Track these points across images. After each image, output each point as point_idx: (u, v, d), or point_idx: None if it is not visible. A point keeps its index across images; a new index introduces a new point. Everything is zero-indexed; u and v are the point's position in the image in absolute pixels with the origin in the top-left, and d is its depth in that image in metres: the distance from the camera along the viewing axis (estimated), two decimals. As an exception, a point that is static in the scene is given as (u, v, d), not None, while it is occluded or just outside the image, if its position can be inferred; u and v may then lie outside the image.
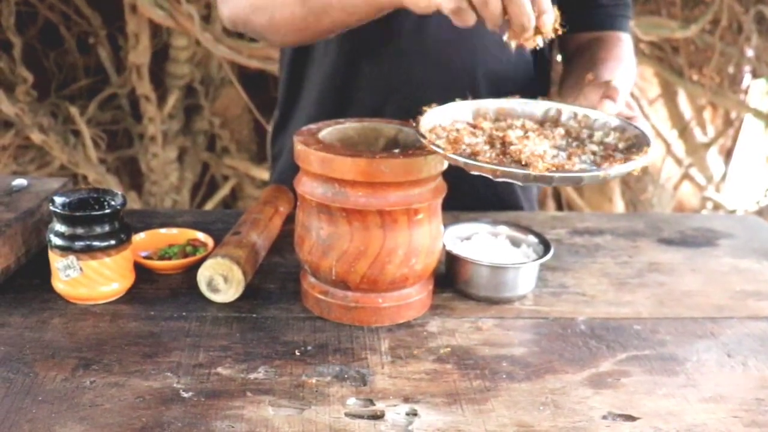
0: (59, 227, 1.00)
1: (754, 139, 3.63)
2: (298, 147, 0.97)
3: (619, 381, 0.91)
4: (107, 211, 1.00)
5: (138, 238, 1.15)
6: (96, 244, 0.99)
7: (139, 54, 2.76)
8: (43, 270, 1.06)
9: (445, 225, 1.08)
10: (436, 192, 0.98)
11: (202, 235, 1.19)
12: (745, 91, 3.42)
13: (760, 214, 3.39)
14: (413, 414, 0.83)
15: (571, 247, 1.29)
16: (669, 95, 3.45)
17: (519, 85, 1.39)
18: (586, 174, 0.86)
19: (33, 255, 1.13)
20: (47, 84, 2.92)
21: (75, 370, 0.88)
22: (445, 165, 0.98)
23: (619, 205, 3.42)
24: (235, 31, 1.28)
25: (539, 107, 1.08)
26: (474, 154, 0.91)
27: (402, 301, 1.01)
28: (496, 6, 0.91)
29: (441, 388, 0.88)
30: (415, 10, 0.97)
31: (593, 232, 1.37)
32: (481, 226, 1.18)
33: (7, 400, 0.82)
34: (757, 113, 3.21)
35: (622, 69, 1.28)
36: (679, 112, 3.48)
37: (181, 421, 0.80)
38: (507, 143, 0.93)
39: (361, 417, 0.82)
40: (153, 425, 0.79)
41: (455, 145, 0.92)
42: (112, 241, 1.01)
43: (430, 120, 0.97)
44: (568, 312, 1.07)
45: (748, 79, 3.41)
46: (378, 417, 0.82)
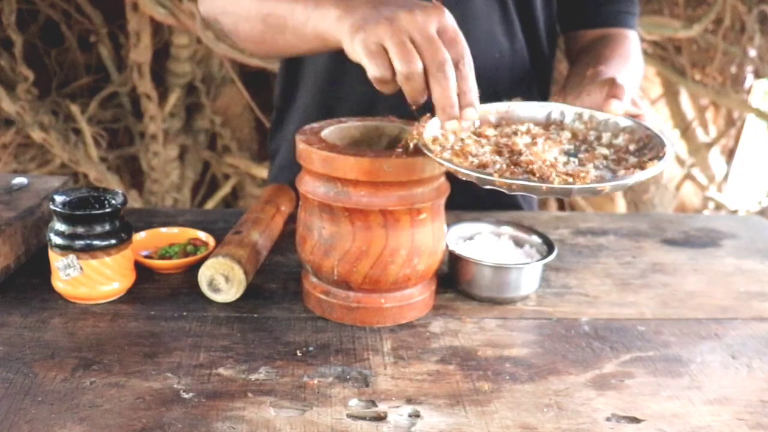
0: (59, 226, 0.99)
1: (756, 139, 3.62)
2: (300, 146, 0.96)
3: (623, 382, 0.90)
4: (108, 210, 0.99)
5: (139, 237, 1.15)
6: (96, 243, 0.99)
7: (140, 52, 2.76)
8: (43, 269, 1.05)
9: (448, 225, 1.08)
10: (438, 192, 0.98)
11: (203, 235, 1.18)
12: (748, 91, 3.42)
13: (763, 214, 3.39)
14: (416, 415, 0.82)
15: (574, 247, 1.29)
16: (671, 95, 3.44)
17: (513, 80, 1.39)
18: (607, 184, 0.83)
19: (33, 254, 1.12)
20: (48, 82, 2.92)
21: (75, 370, 0.88)
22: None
23: (620, 205, 3.42)
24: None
25: (542, 110, 1.05)
26: (482, 165, 0.88)
27: (404, 302, 1.00)
28: (419, 84, 0.87)
29: (444, 390, 0.87)
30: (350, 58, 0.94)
31: (596, 232, 1.36)
32: (484, 226, 1.18)
33: (6, 401, 0.81)
34: (760, 113, 3.21)
35: (628, 66, 1.27)
36: (681, 112, 3.47)
37: (181, 422, 0.79)
38: (516, 152, 0.91)
39: (363, 418, 0.81)
40: (153, 426, 0.78)
41: (463, 157, 0.90)
42: (113, 241, 1.00)
43: (432, 129, 0.93)
44: (571, 313, 1.06)
45: (750, 79, 3.40)
46: (380, 418, 0.82)
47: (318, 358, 0.92)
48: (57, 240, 0.99)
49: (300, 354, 0.93)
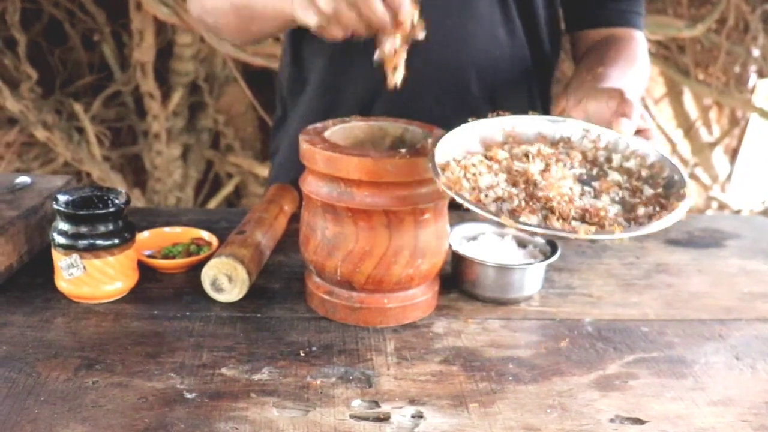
0: (63, 225, 0.99)
1: (759, 138, 3.62)
2: (304, 146, 0.96)
3: (626, 383, 0.90)
4: (111, 209, 0.99)
5: (142, 236, 1.15)
6: (99, 242, 0.99)
7: (144, 51, 2.76)
8: (46, 269, 1.05)
9: (451, 225, 1.07)
10: (442, 192, 0.97)
11: (206, 234, 1.18)
12: (751, 91, 3.41)
13: (766, 214, 3.39)
14: (419, 416, 0.82)
15: (577, 247, 1.28)
16: (674, 94, 3.44)
17: (513, 79, 1.38)
18: (631, 234, 0.83)
19: (36, 253, 1.12)
20: (52, 81, 2.92)
21: (78, 370, 0.88)
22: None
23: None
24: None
25: (548, 126, 1.02)
26: (499, 199, 0.87)
27: (407, 302, 1.00)
28: (350, 13, 0.93)
29: (447, 390, 0.87)
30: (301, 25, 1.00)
31: (600, 232, 1.36)
32: (487, 226, 1.18)
33: (9, 400, 0.81)
34: (763, 113, 3.20)
35: (634, 70, 1.26)
36: (684, 112, 3.47)
37: (184, 423, 0.79)
38: (531, 182, 0.90)
39: (366, 419, 0.81)
40: (156, 426, 0.78)
41: (478, 190, 0.88)
42: (116, 240, 1.00)
43: (441, 154, 0.91)
44: (574, 313, 1.06)
45: (754, 79, 3.40)
46: (383, 419, 0.81)
47: (321, 358, 0.92)
48: (60, 239, 0.99)
49: (303, 354, 0.93)
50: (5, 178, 1.20)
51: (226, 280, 1.02)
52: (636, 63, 1.28)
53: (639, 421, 0.83)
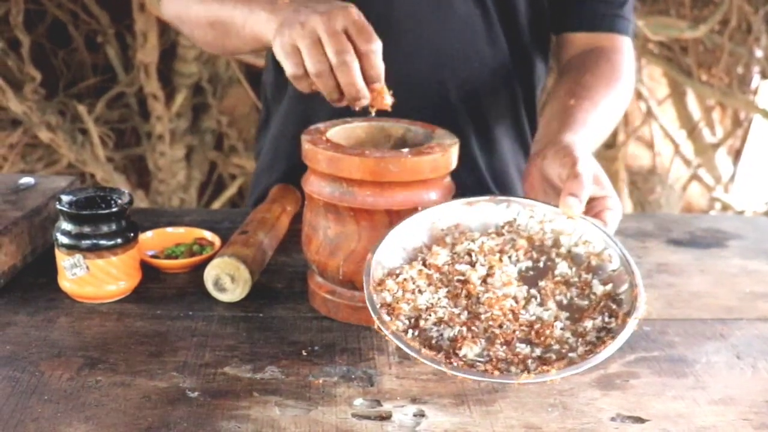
0: (66, 226, 0.99)
1: (762, 139, 3.61)
2: (306, 146, 0.96)
3: (627, 382, 0.90)
4: (114, 209, 0.99)
5: (145, 236, 1.15)
6: (103, 242, 0.99)
7: (147, 52, 2.76)
8: (50, 269, 1.06)
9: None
10: (444, 192, 0.98)
11: (209, 234, 1.18)
12: (754, 92, 3.41)
13: (769, 214, 3.38)
14: (420, 415, 0.82)
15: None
16: (678, 95, 3.44)
17: (495, 91, 1.35)
18: (568, 372, 0.78)
19: (39, 254, 1.13)
20: (55, 82, 2.92)
21: (81, 369, 0.88)
22: (454, 164, 0.98)
23: (627, 205, 3.41)
24: None
25: (494, 213, 0.97)
26: (440, 322, 0.84)
27: (409, 302, 1.00)
28: (329, 79, 0.95)
29: (448, 389, 0.87)
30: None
31: (602, 232, 1.36)
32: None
33: (13, 399, 0.82)
34: (766, 114, 3.20)
35: (607, 102, 1.18)
36: (687, 113, 3.47)
37: (187, 421, 0.79)
38: (473, 296, 0.86)
39: (368, 418, 0.82)
40: (159, 425, 0.79)
41: (417, 311, 0.85)
42: (119, 240, 1.00)
43: (377, 265, 0.88)
44: (576, 313, 1.06)
45: (757, 80, 3.40)
46: (385, 418, 0.82)
47: (323, 357, 0.93)
48: (63, 239, 0.99)
49: (305, 353, 0.93)
50: (9, 178, 1.21)
51: (228, 279, 1.03)
52: (614, 84, 1.22)
53: (640, 420, 0.83)
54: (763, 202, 3.51)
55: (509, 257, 0.92)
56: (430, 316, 0.85)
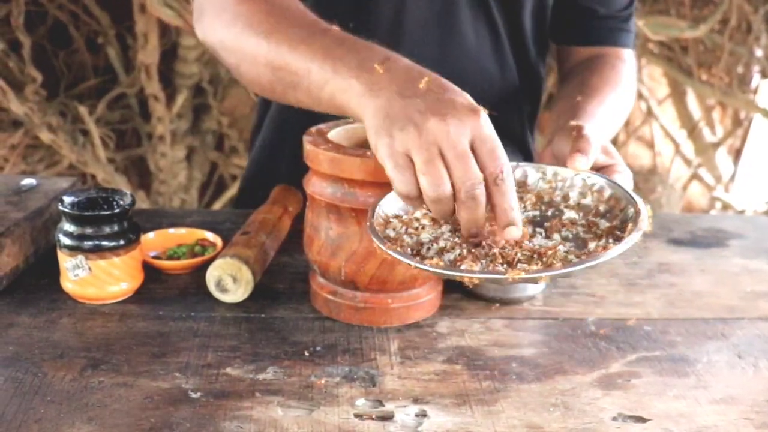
0: (68, 227, 1.00)
1: (763, 139, 3.62)
2: (308, 147, 0.96)
3: (629, 382, 0.91)
4: (116, 210, 1.00)
5: (147, 237, 1.15)
6: (105, 243, 0.99)
7: (148, 53, 2.76)
8: (52, 270, 1.06)
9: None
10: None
11: (211, 235, 1.18)
12: (755, 91, 3.41)
13: (770, 214, 3.38)
14: (422, 415, 0.83)
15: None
16: (678, 95, 3.44)
17: (501, 99, 1.34)
18: (576, 268, 0.76)
19: (41, 255, 1.13)
20: (56, 83, 2.92)
21: (83, 370, 0.88)
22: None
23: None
24: None
25: None
26: (442, 251, 0.82)
27: (411, 302, 1.01)
28: (447, 206, 0.79)
29: (450, 389, 0.87)
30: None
31: (603, 232, 1.36)
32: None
33: (16, 400, 0.82)
34: (766, 113, 3.20)
35: (612, 99, 1.19)
36: (688, 112, 3.47)
37: (189, 422, 0.80)
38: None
39: (370, 418, 0.82)
40: (161, 426, 0.79)
41: (420, 246, 0.83)
42: (121, 241, 1.01)
43: (385, 208, 0.87)
44: (577, 313, 1.07)
45: (757, 79, 3.40)
46: (387, 418, 0.82)
47: (325, 357, 0.93)
48: (65, 241, 0.99)
49: (307, 354, 0.94)
50: (11, 180, 1.21)
51: (230, 280, 1.03)
52: (618, 87, 1.23)
53: (641, 420, 0.84)
54: (764, 202, 3.51)
55: None
56: (433, 245, 0.84)
